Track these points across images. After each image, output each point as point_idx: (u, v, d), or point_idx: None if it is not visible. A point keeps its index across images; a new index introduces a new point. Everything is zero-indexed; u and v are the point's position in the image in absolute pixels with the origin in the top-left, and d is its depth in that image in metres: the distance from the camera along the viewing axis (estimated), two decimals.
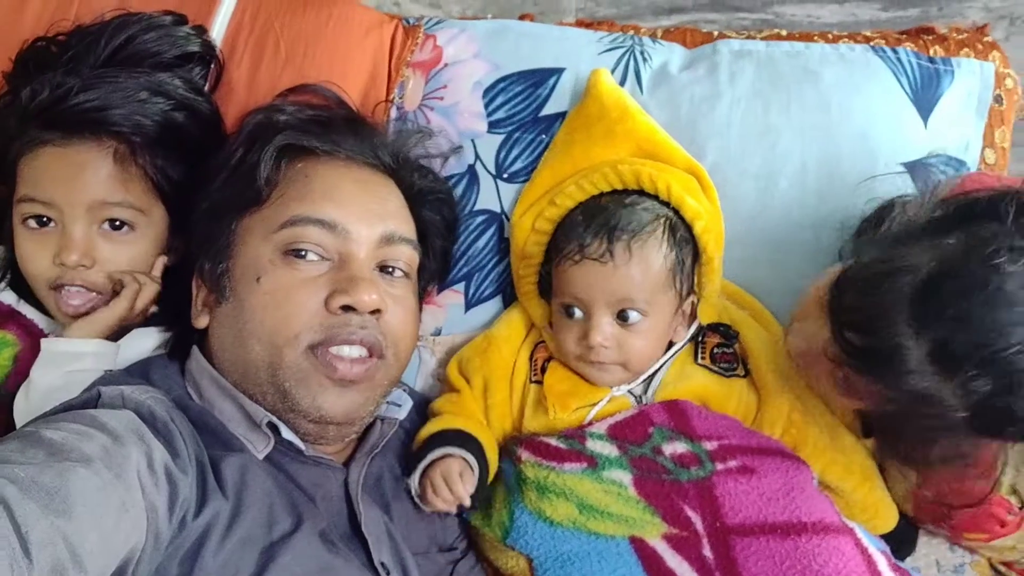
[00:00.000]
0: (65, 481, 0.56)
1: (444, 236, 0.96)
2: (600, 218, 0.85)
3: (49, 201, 0.83)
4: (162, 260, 0.89)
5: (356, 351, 0.77)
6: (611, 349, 0.84)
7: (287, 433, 0.76)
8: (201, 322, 0.82)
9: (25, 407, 0.84)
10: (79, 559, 0.54)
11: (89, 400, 0.71)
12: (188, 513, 0.66)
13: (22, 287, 0.91)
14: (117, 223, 0.86)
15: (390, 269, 0.83)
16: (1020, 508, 0.84)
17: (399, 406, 0.88)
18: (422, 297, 0.94)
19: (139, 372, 0.80)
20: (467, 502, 0.81)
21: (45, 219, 0.84)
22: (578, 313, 0.86)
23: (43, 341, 0.85)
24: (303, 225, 0.78)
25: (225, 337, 0.79)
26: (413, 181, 0.90)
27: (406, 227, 0.85)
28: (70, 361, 0.83)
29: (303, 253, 0.78)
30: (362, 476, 0.80)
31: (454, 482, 0.81)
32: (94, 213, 0.84)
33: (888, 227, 0.77)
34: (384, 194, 0.85)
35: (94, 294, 0.87)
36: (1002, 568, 0.91)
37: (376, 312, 0.78)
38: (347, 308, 0.76)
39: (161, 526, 0.62)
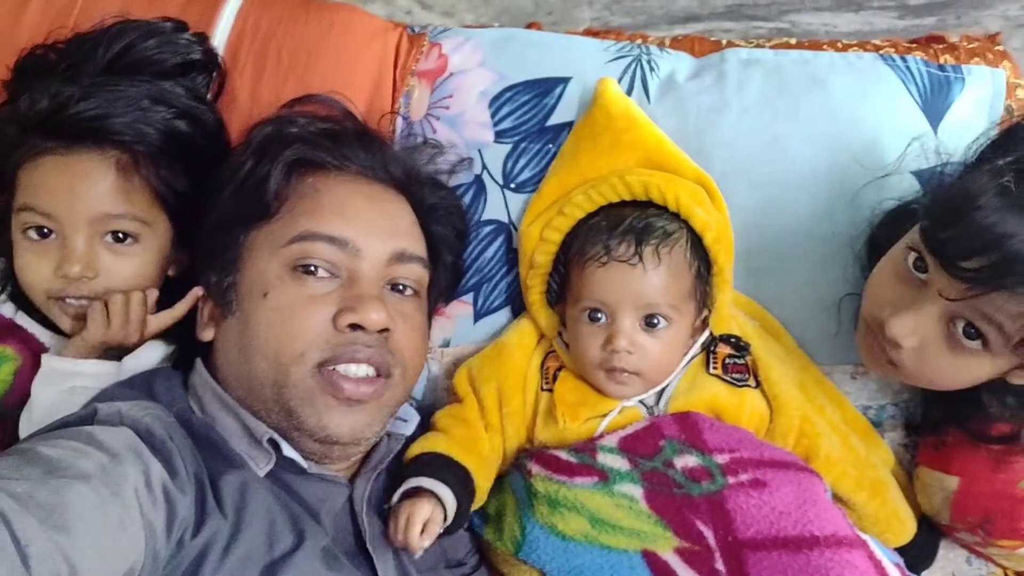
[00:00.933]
0: (63, 497, 0.55)
1: (455, 251, 0.95)
2: (626, 223, 0.84)
3: (50, 213, 0.82)
4: (154, 293, 0.86)
5: (363, 370, 0.76)
6: (634, 355, 0.83)
7: (288, 451, 0.75)
8: (207, 335, 0.81)
9: (28, 424, 0.83)
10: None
11: (86, 417, 0.69)
12: (186, 532, 0.65)
13: (20, 298, 0.90)
14: (120, 235, 0.84)
15: (400, 287, 0.82)
16: None
17: (406, 421, 0.87)
18: (431, 313, 0.93)
19: (142, 384, 0.79)
20: (417, 553, 0.77)
21: (46, 230, 0.83)
22: (602, 318, 0.85)
23: (44, 357, 0.84)
24: (312, 241, 0.77)
25: (230, 352, 0.78)
26: (424, 196, 0.89)
27: (417, 245, 0.84)
28: (69, 378, 0.81)
29: (312, 269, 0.76)
30: (367, 492, 0.79)
31: (411, 528, 0.77)
32: (96, 226, 0.83)
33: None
34: (394, 211, 0.84)
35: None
36: None
37: (384, 331, 0.77)
38: (355, 327, 0.75)
39: (159, 546, 0.61)
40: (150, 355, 0.85)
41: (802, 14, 1.33)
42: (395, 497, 0.81)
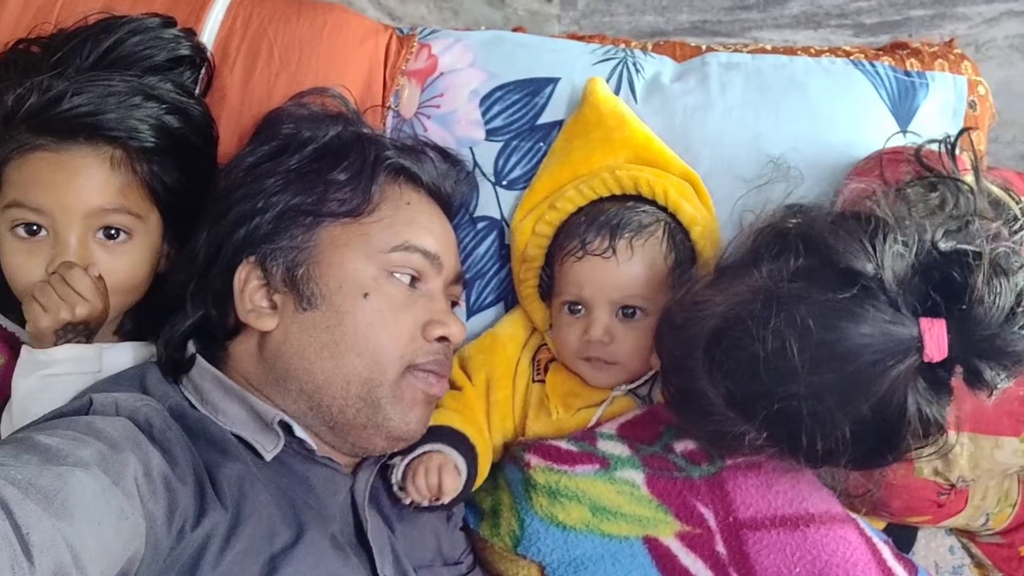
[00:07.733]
0: (64, 484, 0.54)
1: None
2: (602, 218, 0.87)
3: (41, 208, 0.80)
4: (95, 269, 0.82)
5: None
6: (611, 345, 0.85)
7: (300, 432, 0.75)
8: (266, 323, 0.79)
9: (8, 419, 0.81)
10: (81, 564, 0.52)
11: (81, 407, 0.69)
12: (187, 523, 0.64)
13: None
14: (113, 231, 0.82)
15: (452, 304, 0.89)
16: (951, 487, 0.85)
17: None
18: None
19: (133, 379, 0.78)
20: (446, 498, 0.79)
21: (35, 227, 0.81)
22: (581, 310, 0.87)
23: (23, 348, 0.82)
24: (413, 252, 0.81)
25: (307, 344, 0.78)
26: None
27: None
28: (44, 367, 0.79)
29: (407, 279, 0.81)
30: (369, 484, 0.80)
31: (445, 474, 0.79)
32: (90, 221, 0.81)
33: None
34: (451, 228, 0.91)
35: None
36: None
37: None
38: (442, 338, 0.82)
39: (160, 536, 0.61)
40: (121, 359, 0.83)
41: (763, 31, 1.39)
42: (407, 458, 0.81)
